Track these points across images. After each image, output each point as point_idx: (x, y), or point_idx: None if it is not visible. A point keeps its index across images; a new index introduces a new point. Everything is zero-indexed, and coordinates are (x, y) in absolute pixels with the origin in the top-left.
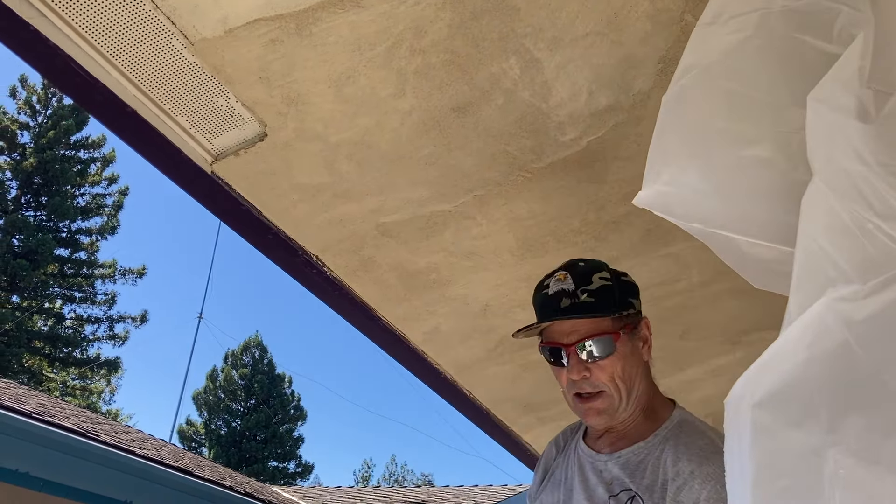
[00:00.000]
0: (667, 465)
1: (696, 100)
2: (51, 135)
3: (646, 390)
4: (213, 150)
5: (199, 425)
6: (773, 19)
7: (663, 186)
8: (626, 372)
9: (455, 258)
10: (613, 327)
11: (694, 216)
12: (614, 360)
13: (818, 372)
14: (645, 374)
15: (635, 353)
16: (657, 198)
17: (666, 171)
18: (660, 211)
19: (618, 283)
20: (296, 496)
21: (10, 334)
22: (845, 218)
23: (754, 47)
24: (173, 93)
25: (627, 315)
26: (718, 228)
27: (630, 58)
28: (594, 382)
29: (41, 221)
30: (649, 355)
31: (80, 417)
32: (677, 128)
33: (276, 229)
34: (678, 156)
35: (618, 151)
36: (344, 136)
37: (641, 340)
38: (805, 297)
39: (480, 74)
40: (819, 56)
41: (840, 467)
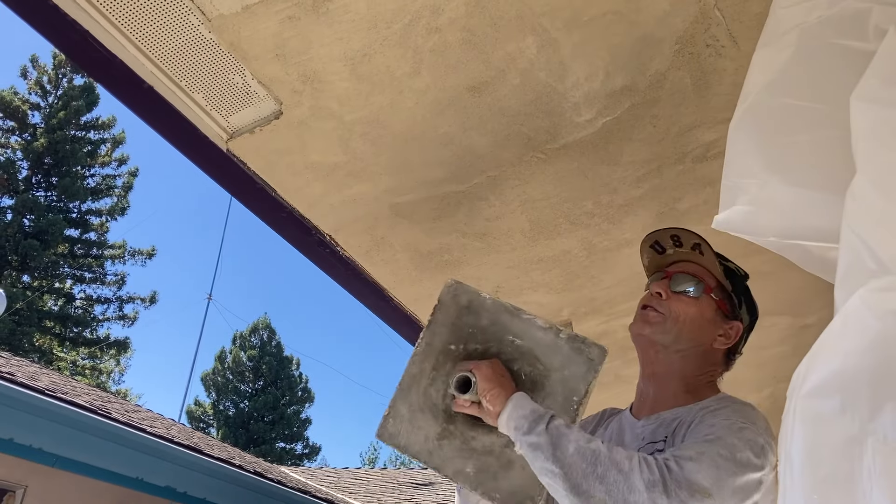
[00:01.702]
0: (693, 414)
1: (762, 119)
2: (61, 115)
3: (695, 369)
4: (228, 127)
5: (208, 406)
6: (813, 31)
7: (742, 206)
8: (690, 322)
9: (467, 239)
10: (712, 287)
11: (770, 230)
12: (690, 302)
13: (858, 363)
14: (703, 353)
15: (711, 325)
16: (736, 217)
17: (743, 191)
18: (737, 231)
19: (742, 279)
20: (303, 476)
21: (22, 314)
22: (886, 211)
23: (802, 60)
24: (190, 69)
25: (730, 301)
26: (798, 239)
27: (647, 38)
28: (665, 304)
29: (52, 202)
30: (720, 344)
31: (91, 395)
32: (750, 148)
33: (290, 208)
34: (755, 174)
35: (633, 133)
36: (359, 114)
37: (722, 329)
38: (847, 290)
39: (497, 54)
40: (860, 56)
41: (877, 456)
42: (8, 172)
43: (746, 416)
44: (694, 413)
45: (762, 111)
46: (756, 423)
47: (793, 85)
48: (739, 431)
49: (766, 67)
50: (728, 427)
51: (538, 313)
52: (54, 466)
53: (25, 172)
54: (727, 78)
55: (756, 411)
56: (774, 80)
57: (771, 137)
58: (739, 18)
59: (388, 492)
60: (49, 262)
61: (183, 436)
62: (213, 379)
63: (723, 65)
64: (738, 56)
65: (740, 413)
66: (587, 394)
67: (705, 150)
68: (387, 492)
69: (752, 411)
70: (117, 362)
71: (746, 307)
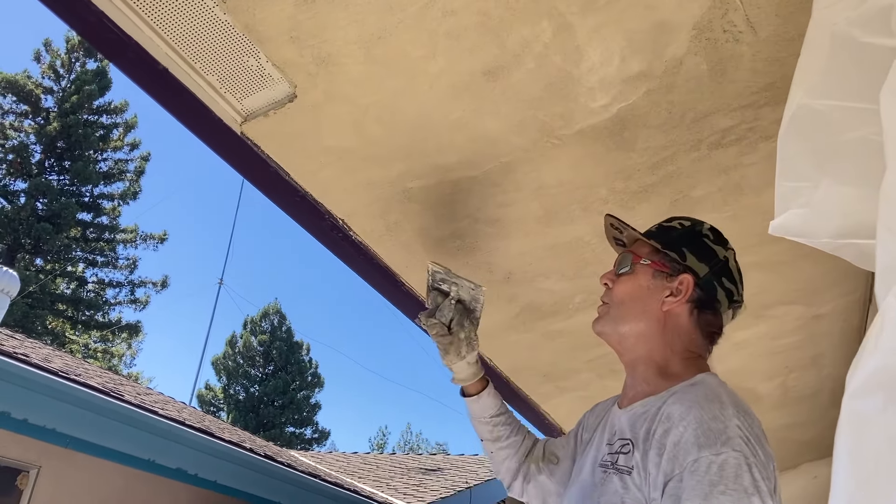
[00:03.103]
0: (661, 412)
1: (809, 122)
2: (74, 99)
3: (660, 346)
4: (242, 110)
5: (218, 390)
6: (844, 31)
7: (796, 210)
8: (630, 298)
9: (480, 225)
10: (644, 254)
11: (825, 231)
12: (626, 280)
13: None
14: (659, 325)
15: (653, 291)
16: (791, 222)
17: (797, 195)
18: (793, 235)
19: (685, 231)
20: (313, 461)
21: (34, 296)
22: None
23: (838, 62)
24: (204, 51)
25: (668, 256)
26: (852, 238)
27: (664, 23)
28: (609, 294)
29: (64, 186)
30: (672, 304)
31: (104, 378)
32: (799, 152)
33: (303, 192)
34: (807, 177)
35: (648, 119)
36: (373, 98)
37: (668, 289)
38: (886, 287)
39: (512, 38)
40: (889, 53)
41: None
42: (21, 156)
43: (716, 435)
44: (660, 405)
45: (808, 114)
46: (730, 436)
47: (833, 86)
48: (721, 481)
49: (809, 71)
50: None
51: (546, 300)
52: (67, 447)
53: (38, 156)
54: (744, 64)
55: (719, 405)
56: (816, 82)
57: (819, 140)
58: (757, 4)
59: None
60: (62, 245)
61: (194, 419)
62: (223, 363)
63: (740, 51)
64: (756, 42)
65: (702, 426)
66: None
67: (721, 136)
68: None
69: (713, 411)
70: (129, 346)
71: (696, 255)
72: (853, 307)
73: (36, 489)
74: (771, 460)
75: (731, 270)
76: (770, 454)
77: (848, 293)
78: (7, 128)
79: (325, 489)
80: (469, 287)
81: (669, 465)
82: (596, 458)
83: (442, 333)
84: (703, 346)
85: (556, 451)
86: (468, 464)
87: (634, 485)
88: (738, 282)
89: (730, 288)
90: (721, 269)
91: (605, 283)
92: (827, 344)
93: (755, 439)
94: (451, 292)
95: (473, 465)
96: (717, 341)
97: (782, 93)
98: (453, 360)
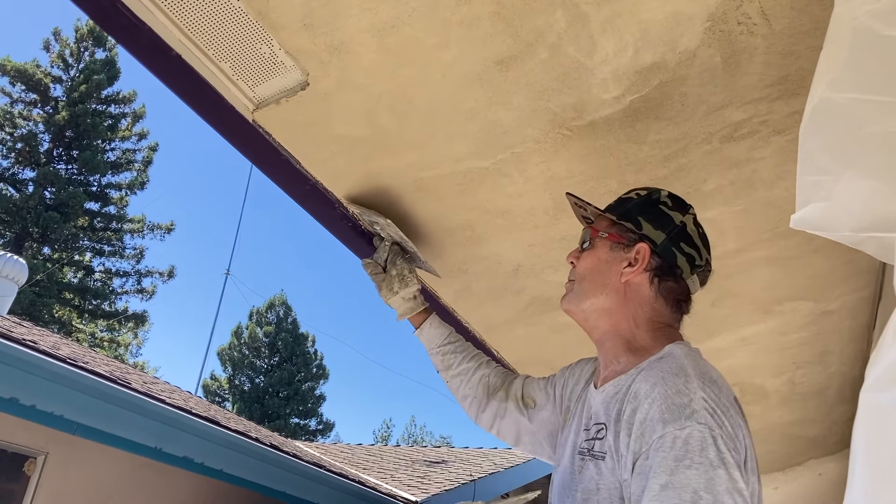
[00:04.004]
0: (630, 391)
1: (831, 116)
2: (83, 89)
3: (624, 319)
4: (254, 97)
5: (224, 380)
6: (865, 24)
7: (818, 203)
8: (590, 273)
9: (490, 216)
10: (602, 228)
11: (846, 225)
12: (586, 255)
13: None
14: (619, 296)
15: (611, 263)
16: (812, 215)
17: (818, 188)
18: (814, 228)
19: (640, 200)
20: (317, 451)
21: (42, 285)
22: None
23: (860, 55)
24: (217, 38)
25: (623, 227)
26: (874, 231)
27: (678, 14)
28: (574, 271)
29: (72, 175)
30: (630, 274)
31: (111, 366)
32: (821, 145)
33: (313, 180)
34: (828, 170)
35: (660, 111)
36: (385, 87)
37: (626, 259)
38: None
39: (526, 27)
40: None
41: None
42: (30, 145)
43: (680, 410)
44: (629, 383)
45: (830, 108)
46: (694, 409)
47: (855, 80)
48: (686, 455)
49: (830, 64)
50: (667, 459)
51: (554, 293)
52: (75, 434)
53: (47, 145)
54: (758, 57)
55: (690, 384)
56: (838, 76)
57: (841, 133)
58: None
59: (401, 469)
60: (69, 234)
61: (201, 408)
62: (229, 354)
63: (754, 43)
64: (770, 35)
65: (667, 401)
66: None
67: (733, 130)
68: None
69: (677, 386)
70: (135, 335)
71: (652, 223)
72: (862, 304)
73: (43, 475)
74: (740, 429)
75: (689, 235)
76: (739, 423)
77: (857, 290)
78: (16, 116)
79: (329, 479)
80: (384, 223)
81: (637, 444)
82: (575, 444)
83: (376, 272)
84: (671, 315)
85: (533, 395)
86: (472, 457)
87: (608, 469)
88: (699, 246)
89: (690, 253)
90: (678, 234)
91: (570, 262)
92: (835, 341)
93: (722, 410)
94: (385, 235)
95: (478, 459)
96: (686, 309)
97: (796, 86)
98: (388, 297)
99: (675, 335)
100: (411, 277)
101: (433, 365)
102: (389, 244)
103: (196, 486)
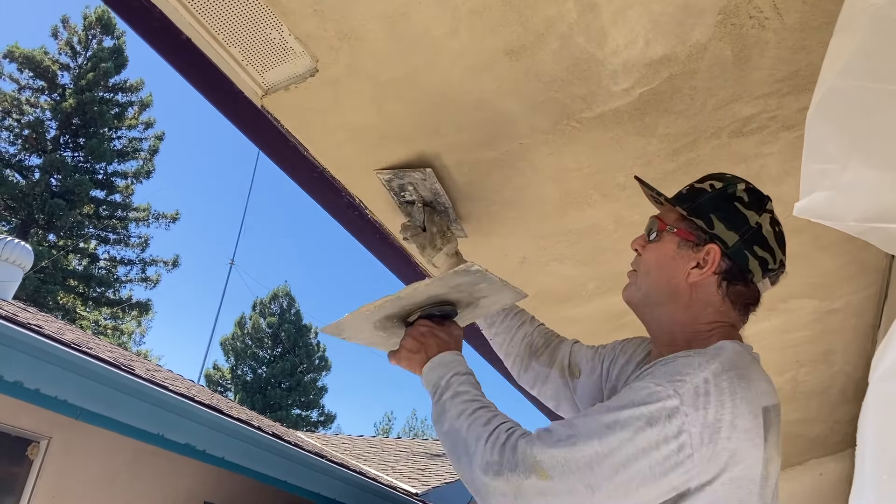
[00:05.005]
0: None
1: (839, 104)
2: (90, 76)
3: (685, 319)
4: (263, 83)
5: (226, 370)
6: (883, 12)
7: (823, 192)
8: (656, 267)
9: (496, 207)
10: (671, 221)
11: (851, 214)
12: (652, 248)
13: None
14: (683, 297)
15: (678, 261)
16: (817, 203)
17: (824, 177)
18: (818, 217)
19: (714, 194)
20: (319, 442)
21: (46, 272)
22: None
23: (875, 43)
24: (227, 22)
25: (693, 224)
26: (879, 221)
27: (689, 6)
28: (638, 260)
29: (79, 162)
30: (696, 276)
31: (115, 353)
32: (829, 133)
33: (321, 168)
34: (835, 159)
35: (670, 105)
36: (394, 75)
37: (694, 260)
38: None
39: (536, 17)
40: None
41: None
42: (37, 132)
43: (682, 369)
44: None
45: (839, 96)
46: (684, 380)
47: (868, 68)
48: (648, 395)
49: (841, 52)
50: (636, 389)
51: (559, 286)
52: (78, 419)
53: (54, 132)
54: (769, 52)
55: (708, 365)
56: (850, 64)
57: (849, 122)
58: None
59: (401, 461)
60: (75, 221)
61: (204, 396)
62: (232, 344)
63: (765, 37)
64: (782, 29)
65: (683, 365)
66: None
67: (742, 125)
68: (400, 461)
69: (710, 360)
70: (139, 323)
71: (725, 222)
72: (868, 303)
73: (46, 459)
74: (738, 433)
75: (764, 237)
76: (741, 426)
77: (863, 289)
78: (23, 103)
79: (330, 469)
80: (420, 178)
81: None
82: None
83: (416, 233)
84: (736, 318)
85: (580, 365)
86: None
87: None
88: (774, 248)
89: (763, 256)
90: (753, 236)
91: (635, 249)
92: (839, 340)
93: (717, 399)
94: (415, 198)
95: None
96: (753, 311)
97: (806, 82)
98: (433, 255)
99: (733, 334)
100: (450, 233)
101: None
102: (422, 205)
103: (198, 473)
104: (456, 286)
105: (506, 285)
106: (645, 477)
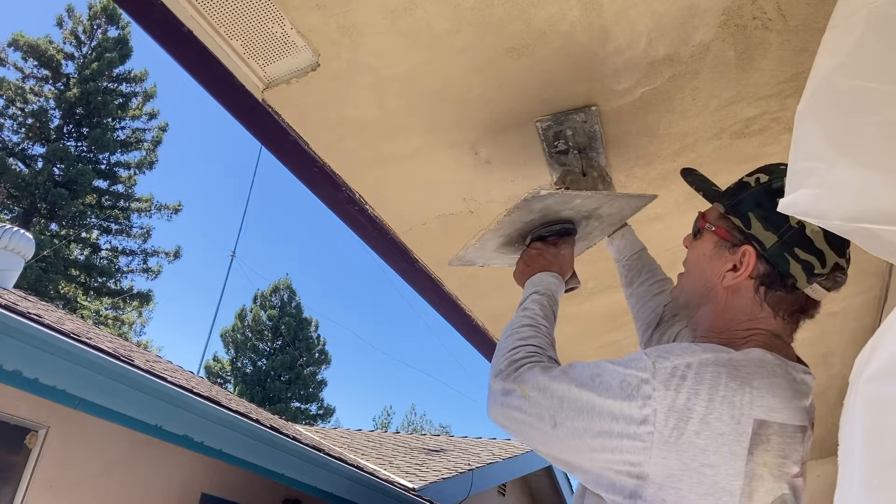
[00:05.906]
0: None
1: (830, 101)
2: (94, 66)
3: (721, 324)
4: (265, 77)
5: (226, 362)
6: (881, 11)
7: (808, 189)
8: (694, 267)
9: (496, 205)
10: (711, 219)
11: (836, 214)
12: (692, 246)
13: None
14: (719, 300)
15: (714, 262)
16: (802, 200)
17: (810, 174)
18: (803, 215)
19: (756, 190)
20: (317, 436)
21: (48, 261)
22: None
23: (871, 42)
24: (229, 15)
25: (731, 222)
26: (865, 222)
27: (693, 6)
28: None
29: (82, 152)
30: (731, 279)
31: (115, 343)
32: (817, 130)
33: (321, 163)
34: (823, 157)
35: (672, 104)
36: (395, 70)
37: (730, 261)
38: None
39: (539, 15)
40: None
41: None
42: (40, 121)
43: (673, 349)
44: None
45: (830, 94)
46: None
47: (862, 67)
48: (632, 360)
49: (835, 50)
50: (632, 354)
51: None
52: (77, 409)
53: (57, 121)
54: (771, 53)
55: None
56: (843, 62)
57: (839, 120)
58: None
59: (399, 456)
60: (77, 211)
61: (202, 388)
62: (232, 336)
63: (768, 39)
64: (785, 31)
65: (677, 346)
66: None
67: (744, 126)
68: (398, 456)
69: (704, 351)
70: (139, 314)
71: (764, 221)
72: (867, 306)
73: (44, 449)
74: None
75: (809, 238)
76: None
77: (862, 292)
78: (27, 92)
79: (328, 463)
80: (581, 121)
81: None
82: None
83: (576, 178)
84: (780, 326)
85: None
86: (471, 446)
87: None
88: (823, 250)
89: (807, 260)
90: (794, 236)
91: (685, 246)
92: (837, 342)
93: (694, 388)
94: (570, 145)
95: (476, 448)
96: (806, 318)
97: None
98: None
99: (777, 345)
100: (609, 176)
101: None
102: (577, 151)
103: (195, 464)
104: (543, 209)
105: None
106: (600, 433)
